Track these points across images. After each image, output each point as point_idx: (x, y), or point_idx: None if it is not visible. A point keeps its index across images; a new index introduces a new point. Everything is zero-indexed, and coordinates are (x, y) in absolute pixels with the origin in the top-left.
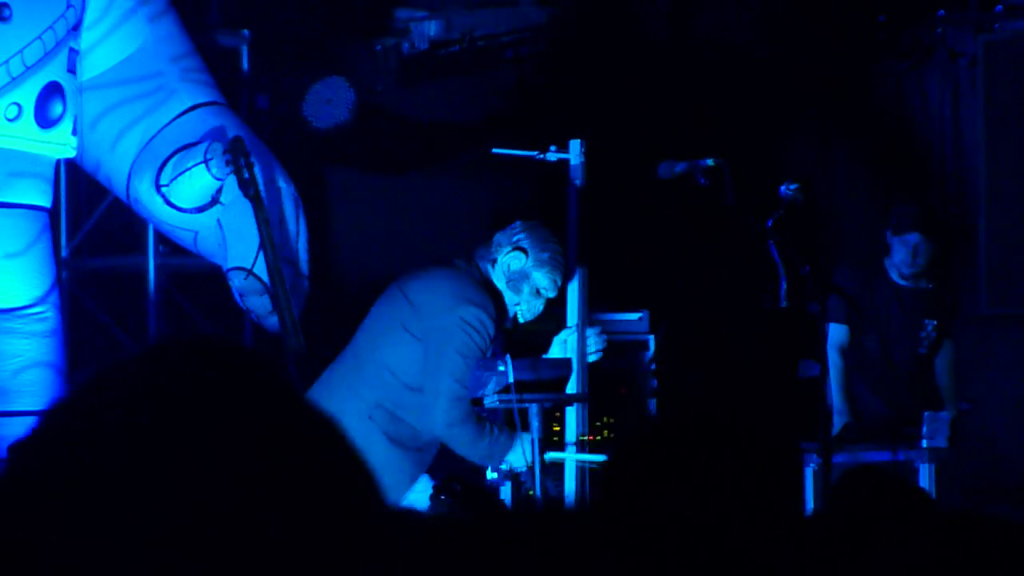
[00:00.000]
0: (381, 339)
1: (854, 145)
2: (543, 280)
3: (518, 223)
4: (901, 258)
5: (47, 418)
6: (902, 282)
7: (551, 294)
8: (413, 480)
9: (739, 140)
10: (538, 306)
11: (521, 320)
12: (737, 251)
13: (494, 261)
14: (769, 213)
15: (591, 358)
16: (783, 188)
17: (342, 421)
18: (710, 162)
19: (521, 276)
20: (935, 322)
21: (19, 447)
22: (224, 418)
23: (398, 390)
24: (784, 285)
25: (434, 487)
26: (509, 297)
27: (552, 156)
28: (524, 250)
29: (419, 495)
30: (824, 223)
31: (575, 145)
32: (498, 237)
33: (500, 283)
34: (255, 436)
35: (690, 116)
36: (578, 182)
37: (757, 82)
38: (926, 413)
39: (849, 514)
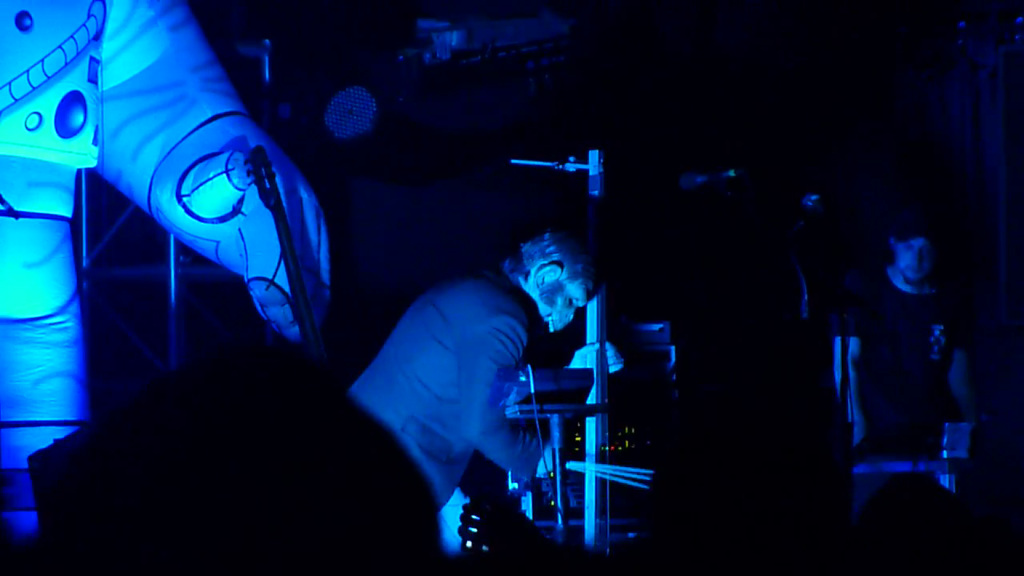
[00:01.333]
0: (412, 351)
1: (875, 156)
2: (577, 291)
3: (548, 234)
4: (907, 263)
5: (105, 425)
6: (907, 288)
7: (582, 303)
8: (446, 494)
9: (760, 151)
10: (569, 315)
11: (552, 329)
12: (758, 262)
13: (527, 273)
14: (790, 224)
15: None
16: (804, 199)
17: None
18: (732, 173)
19: (556, 288)
20: (942, 326)
21: (77, 456)
22: (284, 429)
23: (431, 402)
24: (805, 296)
25: (464, 507)
26: (542, 308)
27: (571, 167)
28: (559, 263)
29: (450, 509)
30: (845, 234)
31: (594, 156)
32: (528, 248)
33: (533, 294)
34: (316, 448)
35: (711, 127)
36: (597, 193)
37: (778, 93)
38: (947, 424)
39: (891, 523)
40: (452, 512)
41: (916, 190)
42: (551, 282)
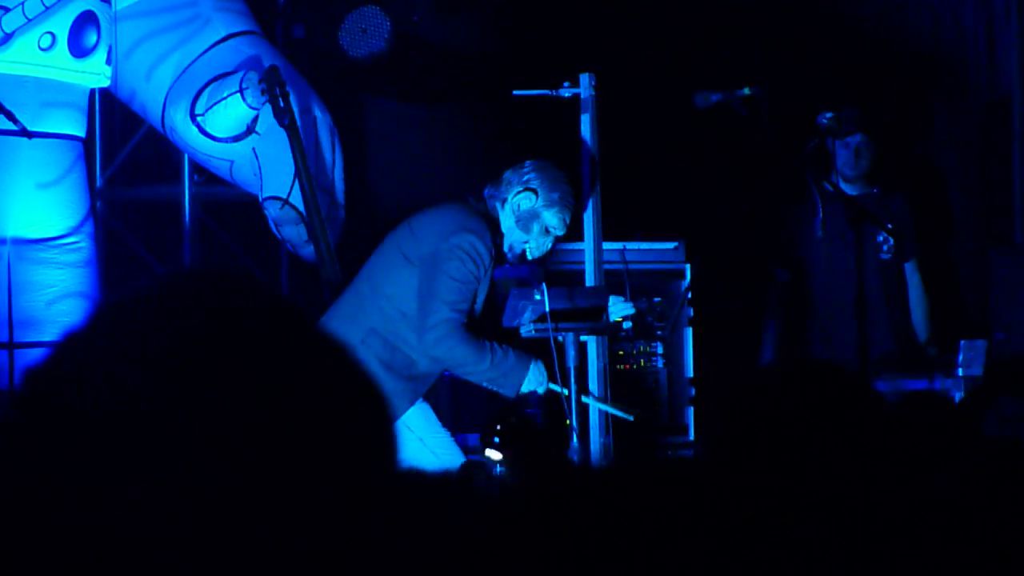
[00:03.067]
0: (381, 266)
1: (889, 74)
2: (552, 219)
3: (528, 162)
4: (844, 160)
5: (63, 346)
6: (846, 187)
7: (560, 232)
8: (402, 407)
9: (775, 69)
10: (547, 244)
11: (530, 257)
12: (774, 180)
13: (504, 200)
14: (805, 143)
15: (615, 318)
16: (819, 117)
17: None
18: (747, 91)
19: (531, 215)
20: (889, 226)
21: (34, 374)
22: (240, 348)
23: (394, 317)
24: (820, 214)
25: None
26: (518, 236)
27: (566, 92)
28: (534, 190)
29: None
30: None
31: (584, 79)
32: (508, 175)
33: (509, 221)
34: (270, 367)
35: (725, 45)
36: (588, 115)
37: (790, 10)
38: (962, 342)
39: (906, 440)
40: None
41: (929, 109)
42: (526, 209)
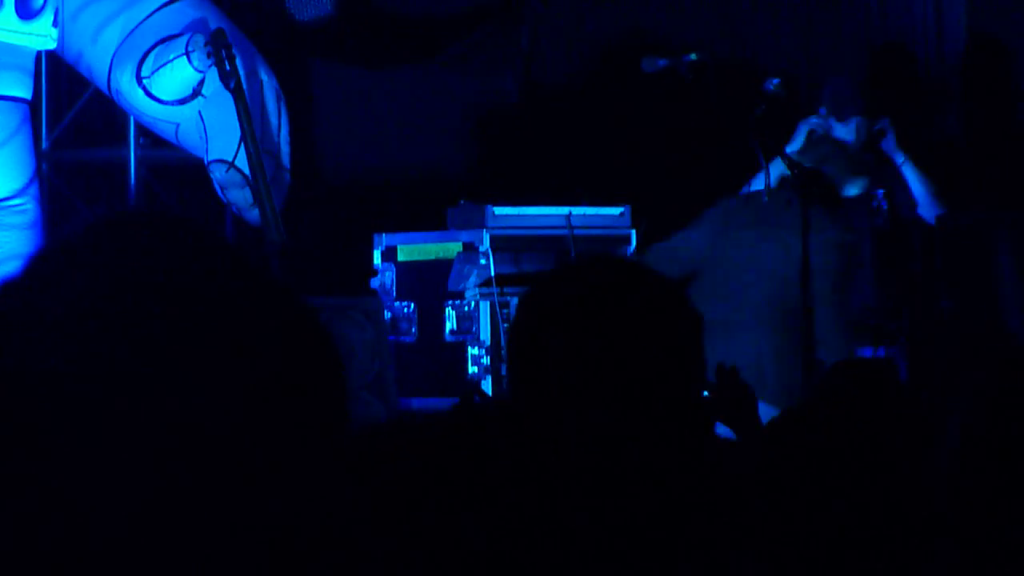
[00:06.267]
0: None
1: (837, 39)
2: None
3: None
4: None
5: None
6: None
7: None
8: None
9: (722, 35)
10: None
11: None
12: (719, 147)
13: None
14: (752, 108)
15: None
16: (766, 83)
17: None
18: (694, 56)
19: None
20: (883, 190)
21: None
22: (178, 291)
23: None
24: (766, 180)
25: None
26: None
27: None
28: None
29: None
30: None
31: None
32: None
33: None
34: (210, 309)
35: (671, 11)
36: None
37: None
38: (906, 309)
39: (833, 407)
40: None
41: (879, 75)
42: None
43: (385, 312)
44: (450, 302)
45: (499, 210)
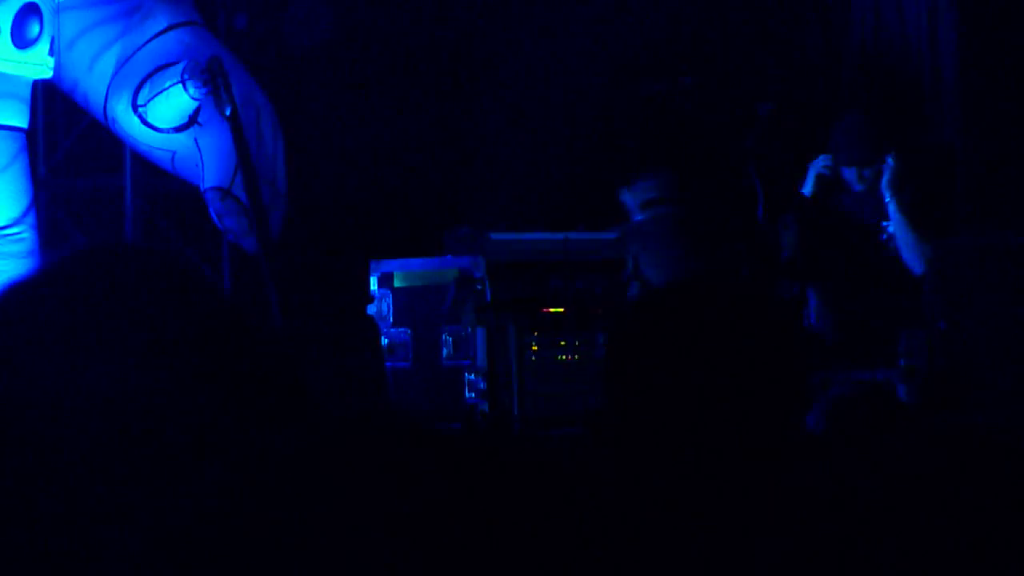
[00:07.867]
0: None
1: (831, 61)
2: None
3: None
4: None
5: None
6: (858, 185)
7: None
8: None
9: (713, 59)
10: None
11: None
12: (716, 169)
13: None
14: (746, 133)
15: None
16: (760, 107)
17: None
18: (689, 80)
19: None
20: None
21: None
22: (141, 320)
23: None
24: (761, 203)
25: None
26: None
27: None
28: None
29: None
30: (802, 142)
31: None
32: None
33: None
34: (176, 335)
35: (666, 33)
36: None
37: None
38: (903, 332)
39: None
40: None
41: (872, 95)
42: None
43: (383, 339)
44: (446, 327)
45: (496, 235)
